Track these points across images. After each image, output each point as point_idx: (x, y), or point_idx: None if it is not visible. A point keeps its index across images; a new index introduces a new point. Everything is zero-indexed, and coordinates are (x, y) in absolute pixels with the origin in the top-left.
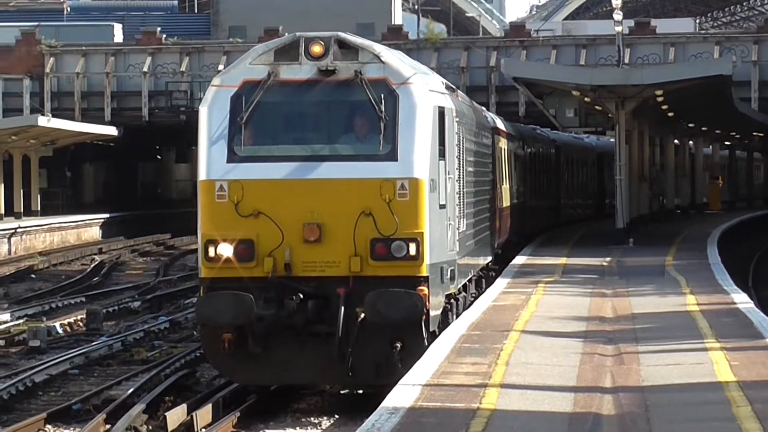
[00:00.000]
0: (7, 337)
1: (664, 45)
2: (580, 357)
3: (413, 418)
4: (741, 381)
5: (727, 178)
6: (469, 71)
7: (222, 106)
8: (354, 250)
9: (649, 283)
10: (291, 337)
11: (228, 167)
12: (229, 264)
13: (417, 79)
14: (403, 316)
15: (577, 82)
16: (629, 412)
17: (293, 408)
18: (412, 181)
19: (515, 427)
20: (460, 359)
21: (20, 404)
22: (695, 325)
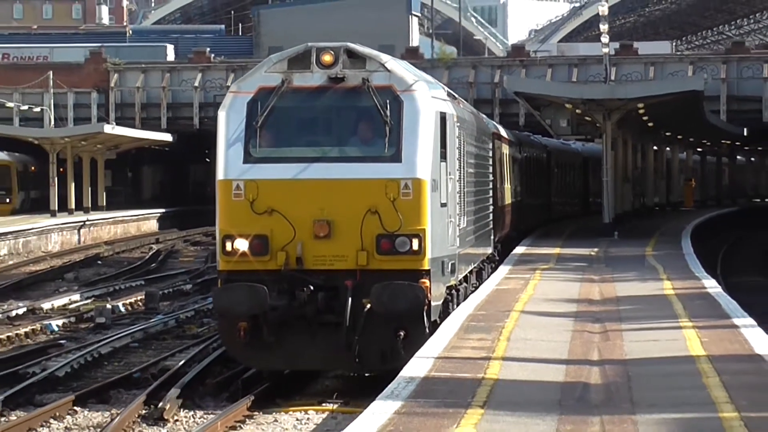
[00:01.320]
0: (77, 315)
1: (645, 64)
2: (571, 334)
3: (427, 386)
4: (710, 355)
5: (699, 179)
6: (476, 86)
7: (239, 111)
8: (361, 245)
9: (631, 271)
10: (302, 326)
11: (244, 168)
12: (244, 258)
13: (420, 86)
14: (407, 307)
15: (570, 96)
16: (613, 381)
17: (305, 392)
18: (415, 181)
19: (515, 394)
20: (468, 335)
21: (88, 372)
22: (671, 307)
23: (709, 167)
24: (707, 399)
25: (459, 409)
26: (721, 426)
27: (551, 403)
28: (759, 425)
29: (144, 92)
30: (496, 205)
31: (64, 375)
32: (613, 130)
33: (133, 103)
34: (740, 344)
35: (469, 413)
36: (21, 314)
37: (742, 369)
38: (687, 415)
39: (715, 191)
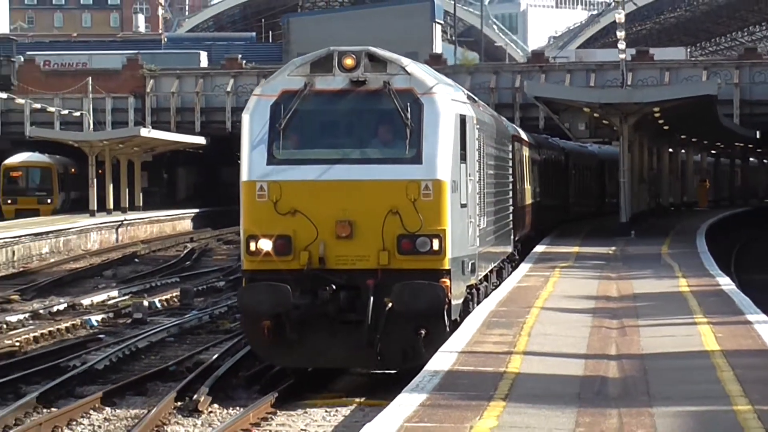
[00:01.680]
0: (115, 311)
1: (661, 70)
2: (590, 329)
3: (451, 379)
4: (724, 350)
5: (713, 181)
6: (498, 91)
7: (262, 114)
8: (382, 245)
9: (647, 268)
10: (324, 324)
11: (267, 169)
12: (268, 257)
13: (440, 89)
14: (427, 306)
15: (588, 101)
16: (631, 375)
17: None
18: (435, 182)
19: (536, 388)
20: (490, 331)
21: (126, 366)
22: (686, 304)
23: (723, 169)
24: (721, 392)
25: (482, 402)
26: (735, 419)
27: (571, 396)
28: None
29: (179, 97)
30: (515, 205)
31: (103, 368)
32: (629, 132)
33: (168, 108)
34: (753, 339)
35: (491, 406)
36: (62, 310)
37: (756, 363)
38: (702, 408)
39: (728, 192)
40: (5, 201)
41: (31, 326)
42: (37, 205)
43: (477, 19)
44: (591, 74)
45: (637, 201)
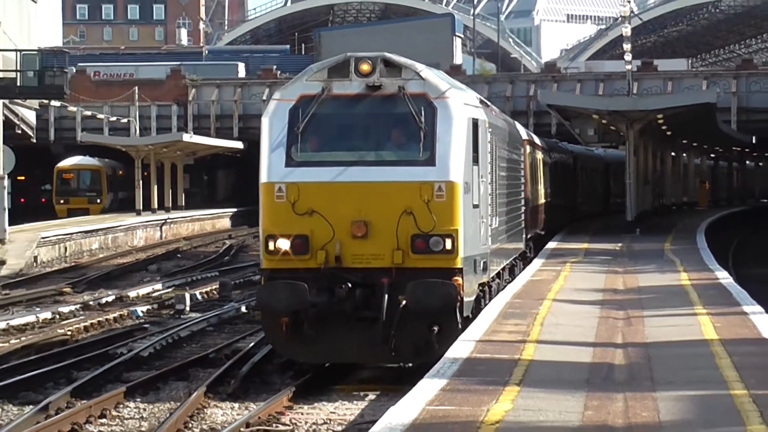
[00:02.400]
0: (159, 302)
1: (664, 80)
2: (598, 320)
3: (469, 366)
4: (722, 339)
5: (712, 182)
6: (513, 100)
7: (281, 118)
8: (397, 245)
9: (651, 263)
10: (341, 321)
11: (286, 171)
12: (286, 256)
13: (453, 93)
14: (440, 304)
15: (597, 108)
16: (636, 362)
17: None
18: (448, 183)
19: (548, 374)
20: (505, 321)
21: (169, 353)
22: (687, 296)
23: (721, 171)
24: (719, 378)
25: (498, 387)
26: (732, 402)
27: (580, 382)
28: (766, 402)
29: (218, 105)
30: (527, 205)
31: (148, 355)
32: (635, 138)
33: (209, 115)
34: (749, 329)
35: (506, 390)
36: (110, 301)
37: (751, 351)
38: (701, 392)
39: (726, 193)
40: (58, 201)
41: (81, 317)
42: (88, 205)
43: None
44: (600, 84)
45: (641, 201)
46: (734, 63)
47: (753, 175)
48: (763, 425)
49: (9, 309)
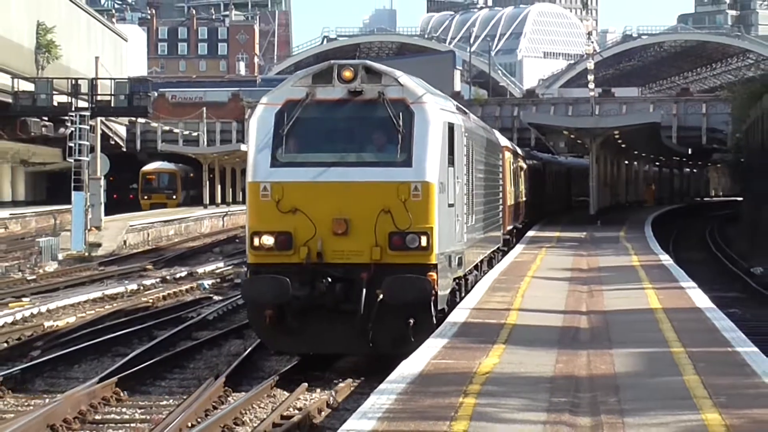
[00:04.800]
0: (222, 277)
1: (620, 104)
2: (567, 293)
3: (465, 328)
4: (665, 308)
5: (657, 184)
6: (501, 119)
7: (267, 121)
8: (375, 242)
9: (609, 248)
10: (322, 314)
11: (271, 171)
12: (270, 252)
13: (430, 99)
14: (415, 298)
15: (567, 126)
16: (596, 326)
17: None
18: (424, 183)
19: (528, 335)
20: (494, 293)
21: (230, 317)
22: (637, 274)
23: (664, 176)
24: (662, 338)
25: (488, 345)
26: (672, 357)
27: (553, 341)
28: (698, 357)
29: None
30: (505, 203)
31: (213, 318)
32: (597, 149)
33: None
34: (685, 300)
35: (495, 348)
36: (183, 276)
37: (687, 317)
38: (648, 349)
39: (668, 193)
40: (143, 197)
41: (160, 288)
42: (165, 200)
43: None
44: (569, 106)
45: (601, 199)
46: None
47: (689, 179)
48: (696, 375)
49: (104, 281)
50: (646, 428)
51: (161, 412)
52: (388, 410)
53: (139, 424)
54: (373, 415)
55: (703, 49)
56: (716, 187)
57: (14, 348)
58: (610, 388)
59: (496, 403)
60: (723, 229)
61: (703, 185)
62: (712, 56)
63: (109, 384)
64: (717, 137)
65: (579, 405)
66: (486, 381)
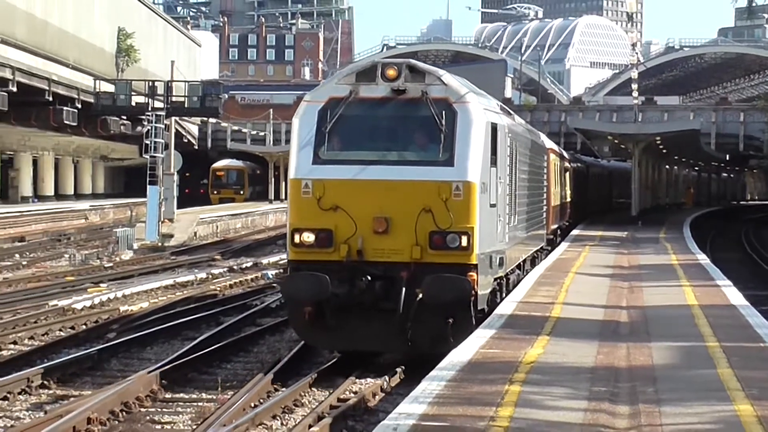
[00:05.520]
0: (284, 267)
1: (662, 111)
2: (608, 288)
3: (512, 320)
4: (701, 304)
5: (696, 188)
6: (549, 124)
7: (311, 118)
8: (415, 240)
9: (649, 247)
10: (361, 312)
11: (313, 168)
12: (311, 249)
13: (473, 98)
14: (454, 298)
15: (611, 131)
16: (636, 320)
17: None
18: (465, 183)
19: (571, 327)
20: (539, 288)
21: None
22: (675, 272)
23: (703, 180)
24: (698, 333)
25: (533, 336)
26: (707, 351)
27: (594, 334)
28: (732, 351)
29: None
30: (549, 204)
31: (275, 306)
32: (639, 154)
33: None
34: (721, 298)
35: (539, 339)
36: (248, 266)
37: (722, 314)
38: (685, 343)
39: (706, 196)
40: (212, 192)
41: (227, 277)
42: (233, 195)
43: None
44: (614, 113)
45: (643, 201)
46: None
47: (726, 183)
48: (730, 368)
49: (175, 270)
50: (682, 417)
51: (226, 392)
52: (438, 395)
53: (205, 404)
54: (424, 399)
55: (741, 61)
56: (752, 192)
57: (92, 330)
58: (648, 379)
59: (540, 391)
60: (758, 231)
61: (739, 189)
62: (750, 68)
63: (178, 365)
64: (754, 144)
65: (618, 394)
66: (531, 370)
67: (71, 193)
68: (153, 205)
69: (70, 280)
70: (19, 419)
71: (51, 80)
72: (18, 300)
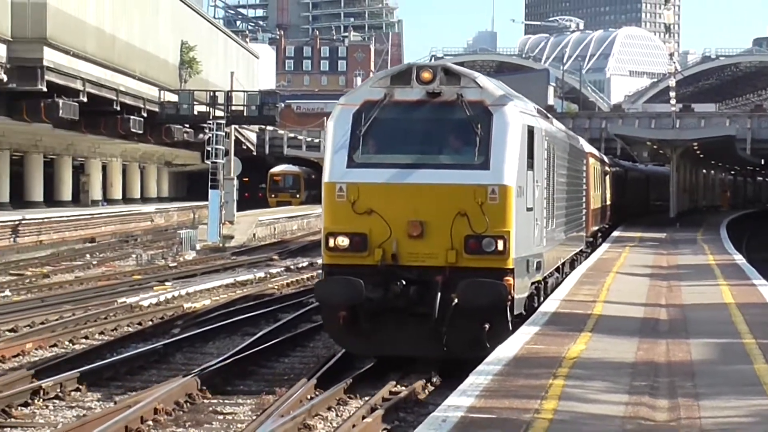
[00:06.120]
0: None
1: (698, 118)
2: (648, 287)
3: (555, 318)
4: (737, 303)
5: (732, 191)
6: (590, 130)
7: (345, 121)
8: (450, 245)
9: (687, 248)
10: (395, 316)
11: (347, 171)
12: (345, 253)
13: (508, 101)
14: (490, 303)
15: (650, 137)
16: (675, 318)
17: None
18: (501, 187)
19: (611, 325)
20: (581, 287)
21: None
22: (712, 272)
23: (738, 183)
24: (735, 330)
25: (575, 333)
26: (744, 348)
27: (634, 331)
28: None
29: None
30: (588, 207)
31: None
32: (677, 159)
33: None
34: (757, 296)
35: (582, 335)
36: (304, 266)
37: (759, 312)
38: (722, 340)
39: (741, 199)
40: (270, 195)
41: (284, 276)
42: (290, 198)
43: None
44: (652, 120)
45: (681, 204)
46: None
47: (761, 187)
48: (766, 364)
49: (236, 269)
50: (720, 411)
51: (284, 384)
52: (485, 389)
53: (265, 396)
54: (471, 392)
55: None
56: None
57: (158, 326)
58: (687, 374)
59: (582, 385)
60: None
61: None
62: None
63: (239, 359)
64: None
65: (658, 388)
66: (573, 365)
67: (138, 197)
68: (214, 208)
69: (137, 279)
70: (91, 409)
71: (119, 91)
72: (89, 297)
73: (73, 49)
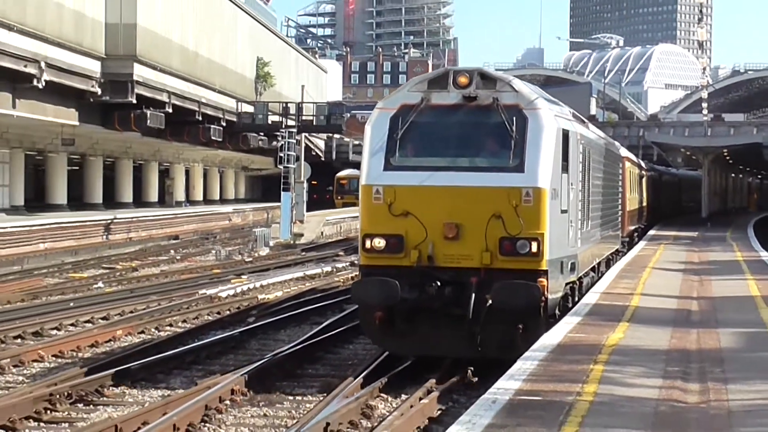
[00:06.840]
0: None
1: (729, 127)
2: (681, 281)
3: (596, 309)
4: (764, 295)
5: (759, 194)
6: (629, 138)
7: (382, 125)
8: (485, 246)
9: (717, 246)
10: (430, 317)
11: (384, 174)
12: (382, 254)
13: (544, 105)
14: (524, 304)
15: (684, 144)
16: (706, 309)
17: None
18: (536, 189)
19: (647, 315)
20: (619, 281)
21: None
22: (740, 267)
23: (765, 186)
24: (761, 321)
25: (614, 323)
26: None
27: (668, 321)
28: None
29: None
30: (624, 208)
31: None
32: (708, 164)
33: None
34: None
35: (620, 325)
36: (345, 266)
37: None
38: (749, 329)
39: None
40: (336, 197)
41: (349, 270)
42: (355, 200)
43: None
44: (686, 129)
45: (712, 205)
46: None
47: None
48: None
49: (305, 264)
50: (746, 394)
51: (348, 369)
52: (532, 373)
53: (331, 379)
54: (519, 376)
55: None
56: None
57: (234, 315)
58: (717, 361)
59: (620, 370)
60: None
61: None
62: None
63: (307, 346)
64: None
65: (689, 374)
66: (612, 352)
67: (217, 199)
68: (286, 208)
69: (217, 273)
70: (174, 389)
71: (201, 103)
72: (173, 289)
73: (159, 64)
